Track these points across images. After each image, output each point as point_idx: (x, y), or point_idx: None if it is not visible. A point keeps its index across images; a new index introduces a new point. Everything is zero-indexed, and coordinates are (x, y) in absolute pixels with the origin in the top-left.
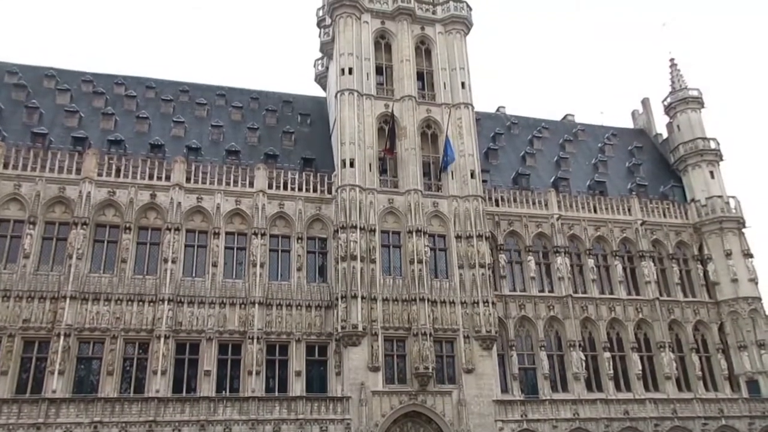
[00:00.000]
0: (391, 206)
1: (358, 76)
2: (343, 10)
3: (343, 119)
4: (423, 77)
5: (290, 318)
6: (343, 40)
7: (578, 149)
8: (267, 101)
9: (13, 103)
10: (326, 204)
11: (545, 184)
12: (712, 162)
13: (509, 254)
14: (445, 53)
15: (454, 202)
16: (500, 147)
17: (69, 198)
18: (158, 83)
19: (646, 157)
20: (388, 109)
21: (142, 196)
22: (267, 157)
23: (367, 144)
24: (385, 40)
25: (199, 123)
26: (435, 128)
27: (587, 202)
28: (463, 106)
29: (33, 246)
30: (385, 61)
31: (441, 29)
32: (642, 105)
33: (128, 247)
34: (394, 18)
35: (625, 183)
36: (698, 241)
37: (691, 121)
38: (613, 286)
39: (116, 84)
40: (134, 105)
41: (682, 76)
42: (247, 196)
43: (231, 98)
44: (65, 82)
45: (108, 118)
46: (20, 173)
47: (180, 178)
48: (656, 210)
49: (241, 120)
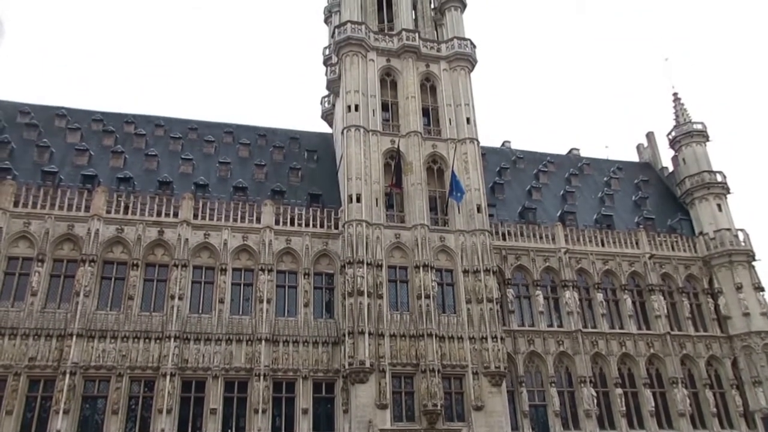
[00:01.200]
0: (398, 241)
1: (364, 112)
2: (350, 48)
3: (350, 155)
4: (428, 113)
5: (297, 355)
6: (350, 77)
7: (584, 183)
8: (274, 138)
9: (25, 142)
10: (333, 239)
11: (552, 218)
12: (719, 195)
13: (517, 289)
14: (450, 90)
15: (461, 237)
16: (506, 181)
17: (77, 235)
18: (167, 121)
19: (652, 190)
20: (394, 144)
21: (149, 232)
22: (274, 194)
23: (373, 179)
24: (390, 78)
25: (207, 160)
26: (441, 163)
27: (594, 235)
28: (469, 141)
29: (41, 283)
30: (391, 98)
31: (446, 66)
32: (647, 139)
33: (135, 283)
34: (400, 56)
35: (632, 216)
36: (708, 274)
37: (696, 155)
38: (623, 320)
39: (126, 122)
40: (143, 143)
41: (686, 109)
42: (254, 232)
43: (239, 135)
44: (76, 121)
45: (117, 156)
46: (30, 211)
47: (187, 215)
48: (664, 243)
49: (248, 157)
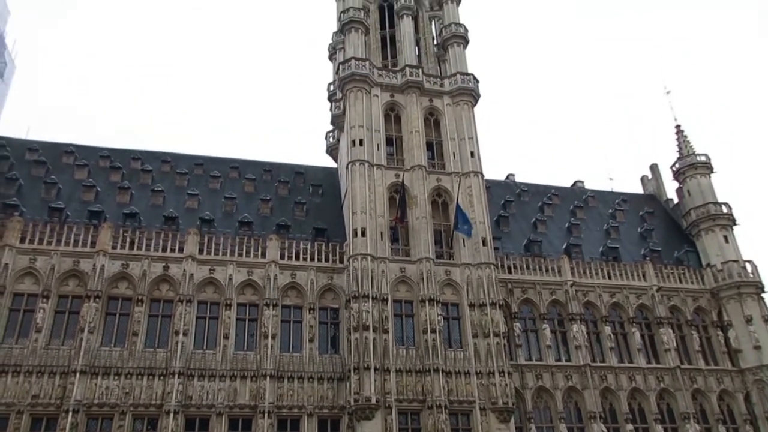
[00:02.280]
0: (403, 275)
1: (368, 147)
2: (354, 84)
3: (355, 189)
4: (432, 147)
5: (302, 391)
6: (354, 112)
7: (589, 215)
8: (279, 173)
9: (33, 179)
10: (338, 274)
11: (557, 250)
12: (725, 226)
13: (524, 322)
14: (453, 124)
15: (466, 270)
16: (511, 214)
17: (83, 271)
18: (173, 157)
19: (657, 222)
20: (398, 178)
21: (155, 268)
22: (279, 228)
23: (378, 213)
24: (394, 112)
25: (213, 195)
26: (445, 197)
27: (601, 268)
28: (473, 175)
29: (45, 320)
30: (395, 132)
31: (449, 101)
32: (650, 171)
33: (140, 319)
34: (403, 91)
35: (638, 249)
36: (717, 306)
37: (701, 186)
38: (632, 354)
39: (133, 159)
40: (150, 179)
41: (689, 141)
42: (259, 267)
43: (244, 170)
44: (83, 158)
45: (124, 191)
46: (36, 247)
47: (193, 250)
48: (672, 275)
49: (253, 191)
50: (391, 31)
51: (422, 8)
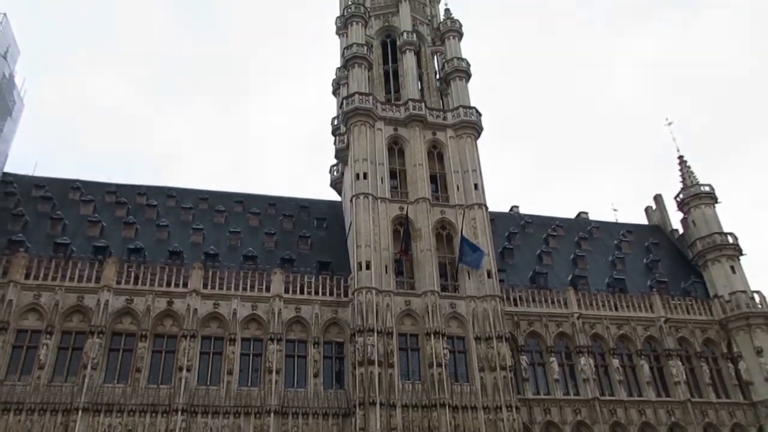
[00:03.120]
0: (408, 308)
1: (372, 180)
2: (358, 118)
3: (359, 222)
4: (436, 180)
5: (306, 427)
6: (358, 146)
7: (594, 247)
8: (284, 207)
9: (39, 215)
10: (343, 307)
11: (563, 282)
12: (731, 257)
13: (531, 355)
14: (456, 156)
15: (471, 303)
16: (516, 246)
17: (87, 307)
18: (179, 192)
19: (663, 253)
20: (402, 211)
21: (159, 303)
22: (284, 262)
23: (382, 246)
24: (398, 146)
25: (218, 229)
26: (450, 229)
27: (607, 299)
28: (477, 207)
29: (48, 356)
30: (399, 166)
31: (452, 134)
32: (654, 201)
33: (143, 355)
34: (407, 124)
35: (644, 280)
36: (726, 338)
37: (705, 217)
38: (641, 387)
39: (138, 194)
40: (155, 214)
41: (693, 172)
42: (263, 301)
43: (249, 205)
44: (90, 194)
45: (129, 227)
46: (41, 283)
47: (197, 285)
48: (679, 307)
49: (258, 226)
50: (394, 65)
51: (424, 43)
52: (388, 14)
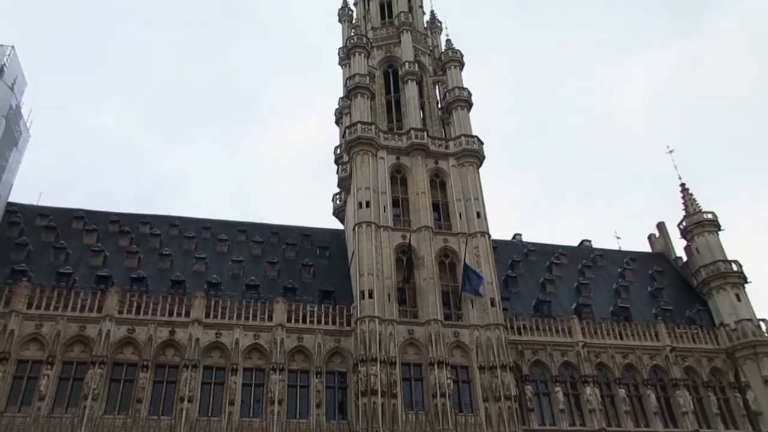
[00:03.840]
0: (411, 337)
1: (375, 209)
2: (360, 147)
3: (361, 251)
4: (439, 208)
5: None
6: (361, 175)
7: (598, 275)
8: (286, 235)
9: (42, 245)
10: (345, 336)
11: (567, 310)
12: (736, 284)
13: (535, 385)
14: (459, 185)
15: (475, 332)
16: (519, 274)
17: (88, 336)
18: (182, 221)
19: (667, 281)
20: (405, 240)
21: (161, 332)
22: (286, 291)
23: (385, 275)
24: (400, 174)
25: (220, 258)
26: (453, 257)
27: (612, 328)
28: (480, 235)
29: (49, 387)
30: (401, 194)
31: (454, 162)
32: (657, 229)
33: (144, 386)
34: (409, 153)
35: (649, 308)
36: (733, 367)
37: (709, 244)
38: (648, 417)
39: (142, 223)
40: (158, 243)
41: (695, 199)
42: (265, 330)
43: (251, 233)
44: (93, 223)
45: (132, 256)
46: (42, 313)
47: (199, 314)
48: (685, 335)
49: (261, 254)
50: (396, 95)
51: (426, 73)
52: (390, 45)
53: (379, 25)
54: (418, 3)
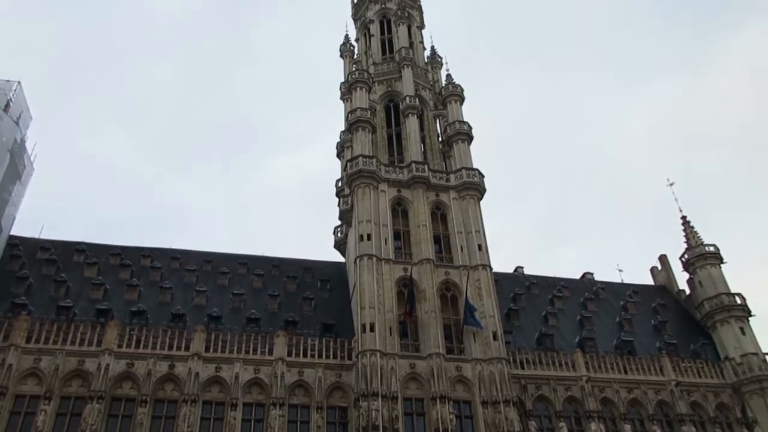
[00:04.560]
0: (413, 371)
1: (376, 241)
2: (361, 180)
3: (363, 284)
4: (440, 241)
5: None
6: (362, 208)
7: (601, 308)
8: (288, 268)
9: (43, 278)
10: (346, 371)
11: (570, 344)
12: (740, 318)
13: (539, 420)
14: (460, 217)
15: (477, 366)
16: (521, 307)
17: (87, 371)
18: (183, 254)
19: (671, 314)
20: (406, 272)
21: (160, 367)
22: (287, 324)
23: (386, 308)
24: (401, 207)
25: (221, 291)
26: (454, 290)
27: (616, 362)
28: (481, 268)
29: (46, 423)
30: (403, 227)
31: (455, 195)
32: (659, 261)
33: (143, 421)
34: (410, 186)
35: (653, 341)
36: (740, 402)
37: (712, 277)
38: None
39: (143, 256)
40: (159, 276)
41: (696, 232)
42: (266, 364)
43: (253, 266)
44: (94, 256)
45: (132, 289)
46: (41, 347)
47: (199, 348)
48: (690, 369)
49: (262, 287)
50: (397, 129)
51: (427, 107)
52: (391, 80)
53: (381, 61)
54: (418, 39)
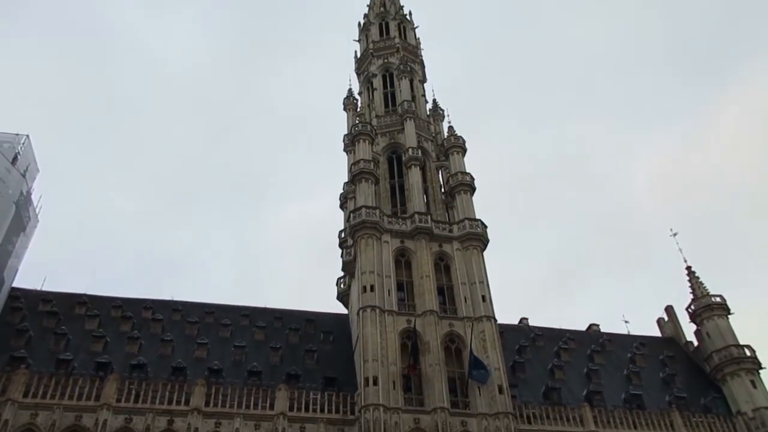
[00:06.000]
0: (417, 426)
1: (379, 292)
2: (365, 231)
3: (366, 336)
4: (444, 292)
5: None
6: (365, 258)
7: (608, 360)
8: (290, 320)
9: (43, 330)
10: (349, 426)
11: (577, 398)
12: (750, 370)
13: None
14: (463, 268)
15: (483, 421)
16: (527, 360)
17: (84, 426)
18: (184, 306)
19: (680, 366)
20: (410, 324)
21: (159, 422)
22: (289, 377)
23: (390, 361)
24: (405, 258)
25: (222, 344)
26: (459, 342)
27: (625, 417)
28: (486, 320)
29: None
30: (406, 278)
31: (458, 246)
32: (666, 313)
33: None
34: (413, 237)
35: (662, 395)
36: None
37: (720, 328)
38: None
39: (145, 308)
40: (160, 328)
41: (702, 282)
42: (267, 420)
43: (255, 318)
44: (96, 308)
45: (133, 342)
46: (39, 401)
47: (199, 402)
48: (701, 424)
49: (264, 339)
50: (400, 180)
51: (429, 159)
52: (394, 132)
53: (383, 113)
54: (420, 92)
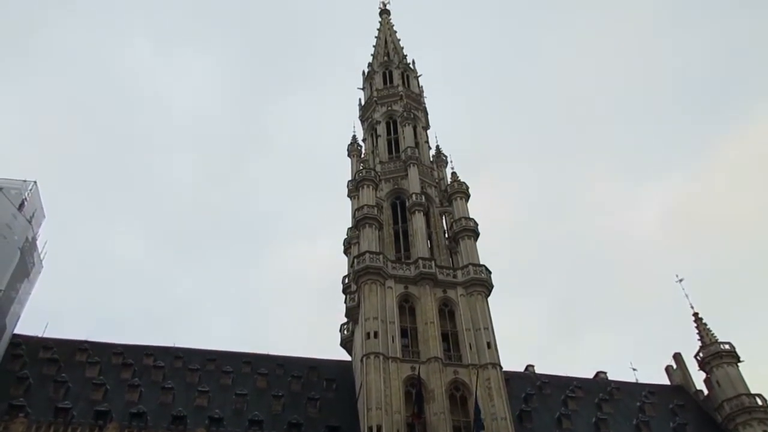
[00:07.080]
0: None
1: (383, 339)
2: (368, 277)
3: (369, 383)
4: (448, 338)
5: None
6: (369, 304)
7: (616, 409)
8: (292, 367)
9: (42, 378)
10: None
11: None
12: (763, 420)
13: None
14: (468, 314)
15: None
16: (533, 408)
17: None
18: (186, 352)
19: (690, 415)
20: (414, 372)
21: None
22: (291, 427)
23: (394, 409)
24: (408, 304)
25: (224, 391)
26: (464, 390)
27: None
28: (491, 367)
29: None
30: (410, 324)
31: (463, 291)
32: (674, 360)
33: None
34: (417, 282)
35: None
36: None
37: (730, 377)
38: None
39: (146, 355)
40: (161, 375)
41: (710, 329)
42: None
43: (257, 365)
44: (96, 355)
45: (133, 389)
46: None
47: None
48: None
49: (266, 387)
50: (403, 225)
51: (433, 204)
52: (398, 177)
53: (387, 159)
54: (423, 138)
